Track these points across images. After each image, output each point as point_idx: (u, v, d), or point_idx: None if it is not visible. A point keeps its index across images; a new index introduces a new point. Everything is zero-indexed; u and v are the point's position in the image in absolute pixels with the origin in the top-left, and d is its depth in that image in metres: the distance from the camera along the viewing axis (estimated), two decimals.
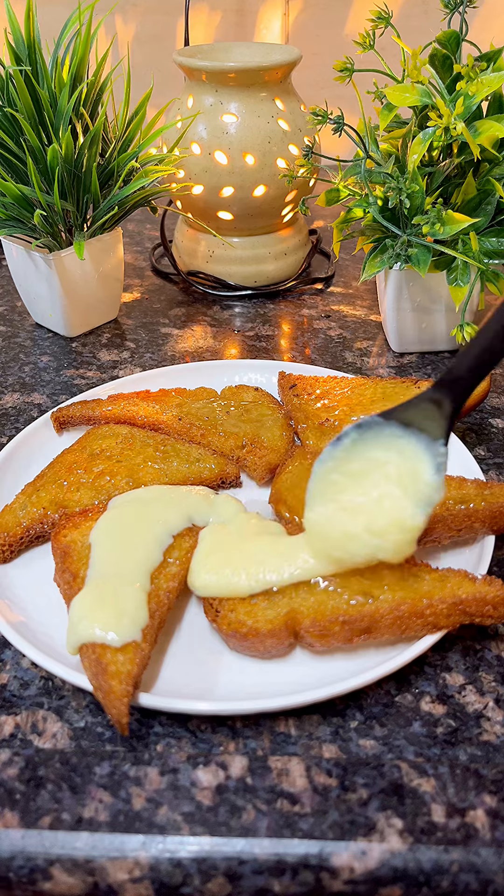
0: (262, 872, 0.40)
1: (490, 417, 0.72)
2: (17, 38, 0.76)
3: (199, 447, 0.64)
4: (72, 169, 0.76)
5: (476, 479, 0.56)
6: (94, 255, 0.82)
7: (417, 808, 0.41)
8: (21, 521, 0.57)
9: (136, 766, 0.44)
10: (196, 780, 0.43)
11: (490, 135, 0.67)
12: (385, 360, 0.82)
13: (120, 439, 0.63)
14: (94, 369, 0.81)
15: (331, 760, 0.44)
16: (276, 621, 0.47)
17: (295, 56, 0.86)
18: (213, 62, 0.84)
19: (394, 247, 0.72)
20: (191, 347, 0.85)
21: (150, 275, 1.02)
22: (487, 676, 0.49)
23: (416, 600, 0.47)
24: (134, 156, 0.80)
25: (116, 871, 0.40)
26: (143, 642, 0.46)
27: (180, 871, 0.40)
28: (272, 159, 0.86)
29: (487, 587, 0.48)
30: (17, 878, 0.40)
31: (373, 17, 0.72)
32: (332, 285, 0.99)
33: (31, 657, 0.47)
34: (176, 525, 0.54)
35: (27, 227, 0.79)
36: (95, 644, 0.45)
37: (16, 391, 0.78)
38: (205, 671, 0.49)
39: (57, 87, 0.76)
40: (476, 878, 0.39)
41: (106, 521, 0.54)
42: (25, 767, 0.44)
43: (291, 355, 0.84)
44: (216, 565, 0.50)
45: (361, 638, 0.47)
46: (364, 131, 0.74)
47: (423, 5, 1.17)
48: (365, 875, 0.40)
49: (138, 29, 1.26)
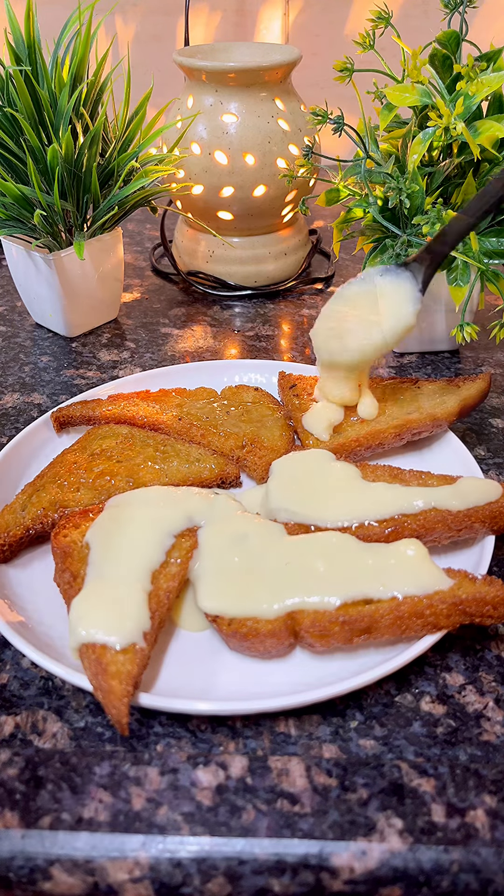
0: (262, 872, 0.40)
1: (490, 417, 0.72)
2: (17, 38, 0.76)
3: (199, 447, 0.64)
4: (72, 169, 0.76)
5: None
6: (94, 255, 0.82)
7: (417, 808, 0.41)
8: (21, 521, 0.57)
9: (136, 766, 0.44)
10: (196, 780, 0.43)
11: (490, 135, 0.67)
12: (385, 359, 0.82)
13: (120, 439, 0.63)
14: (94, 369, 0.81)
15: (331, 760, 0.44)
16: (276, 622, 0.47)
17: (295, 56, 0.86)
18: (213, 62, 0.84)
19: (394, 247, 0.72)
20: (191, 347, 0.85)
21: (150, 275, 1.02)
22: (487, 676, 0.49)
23: (417, 600, 0.47)
24: (134, 156, 0.80)
25: (116, 871, 0.40)
26: (143, 642, 0.46)
27: (180, 871, 0.40)
28: (272, 159, 0.86)
29: (487, 587, 0.48)
30: (17, 878, 0.40)
31: (373, 17, 0.72)
32: (332, 285, 0.99)
33: (31, 657, 0.47)
34: (177, 525, 0.54)
35: (27, 227, 0.79)
36: (96, 644, 0.45)
37: (16, 391, 0.78)
38: (205, 671, 0.49)
39: (57, 87, 0.76)
40: (476, 878, 0.39)
41: (104, 521, 0.54)
42: (25, 767, 0.44)
43: (291, 355, 0.84)
44: (228, 592, 0.50)
45: (361, 638, 0.47)
46: (364, 131, 0.74)
47: (423, 5, 1.17)
48: (365, 875, 0.40)
49: (138, 29, 1.26)
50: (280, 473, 0.59)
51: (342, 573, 0.49)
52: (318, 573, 0.49)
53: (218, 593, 0.49)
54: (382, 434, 0.63)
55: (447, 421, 0.64)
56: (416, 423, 0.63)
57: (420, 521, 0.53)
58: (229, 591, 0.49)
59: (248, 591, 0.49)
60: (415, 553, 0.50)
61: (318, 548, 0.51)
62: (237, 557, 0.51)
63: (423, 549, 0.51)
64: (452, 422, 0.65)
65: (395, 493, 0.55)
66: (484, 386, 0.68)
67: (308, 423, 0.65)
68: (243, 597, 0.49)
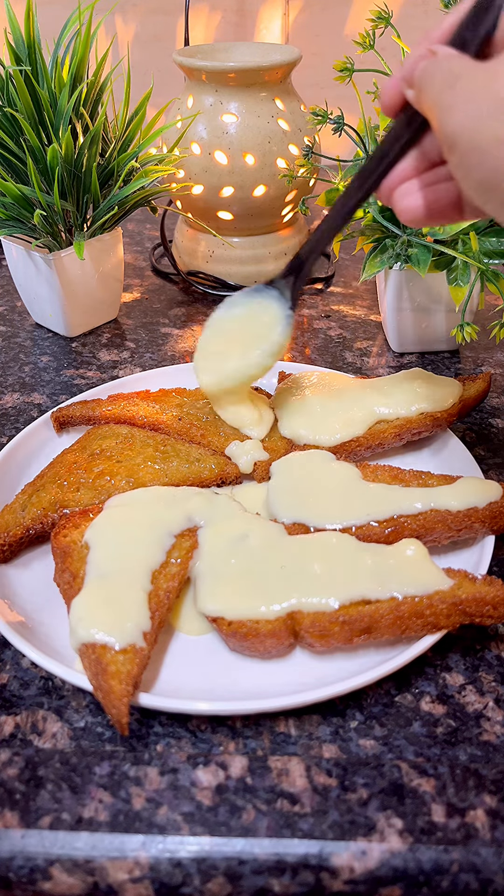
0: (262, 872, 0.40)
1: (490, 417, 0.72)
2: (17, 38, 0.76)
3: (199, 447, 0.64)
4: (72, 169, 0.76)
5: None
6: (94, 255, 0.82)
7: (417, 808, 0.41)
8: (21, 521, 0.56)
9: (136, 766, 0.44)
10: (196, 780, 0.43)
11: None
12: (385, 360, 0.82)
13: (120, 439, 0.63)
14: (94, 369, 0.81)
15: (331, 760, 0.44)
16: (276, 622, 0.47)
17: (295, 56, 0.86)
18: (213, 62, 0.84)
19: (394, 247, 0.72)
20: (191, 347, 0.85)
21: (150, 275, 1.02)
22: (487, 676, 0.49)
23: (417, 600, 0.47)
24: (134, 156, 0.80)
25: (116, 871, 0.40)
26: (143, 642, 0.46)
27: (180, 871, 0.40)
28: (272, 159, 0.86)
29: (487, 587, 0.48)
30: (17, 878, 0.40)
31: (373, 17, 0.72)
32: (332, 285, 0.99)
33: (31, 657, 0.47)
34: (177, 525, 0.54)
35: (27, 227, 0.79)
36: (96, 644, 0.45)
37: (16, 391, 0.78)
38: (205, 671, 0.49)
39: (57, 87, 0.76)
40: (476, 878, 0.39)
41: (104, 521, 0.54)
42: (25, 767, 0.44)
43: (291, 355, 0.84)
44: (228, 592, 0.50)
45: (361, 638, 0.47)
46: (364, 131, 0.74)
47: (423, 5, 1.17)
48: (365, 875, 0.40)
49: (138, 29, 1.26)
50: (280, 474, 0.59)
51: (342, 573, 0.49)
52: (317, 573, 0.49)
53: (218, 594, 0.49)
54: (382, 434, 0.63)
55: (447, 421, 0.64)
56: (417, 423, 0.63)
57: (420, 521, 0.53)
58: (229, 592, 0.49)
59: (249, 592, 0.49)
60: (414, 553, 0.50)
61: (318, 548, 0.51)
62: (237, 558, 0.51)
63: (423, 549, 0.51)
64: (452, 422, 0.65)
65: (395, 494, 0.55)
66: (484, 386, 0.68)
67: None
68: (243, 597, 0.49)
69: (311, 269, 0.59)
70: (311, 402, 0.65)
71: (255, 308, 0.62)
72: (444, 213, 0.45)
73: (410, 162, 0.45)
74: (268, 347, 0.61)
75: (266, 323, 0.61)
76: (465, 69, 0.39)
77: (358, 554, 0.50)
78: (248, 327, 0.62)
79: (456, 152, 0.38)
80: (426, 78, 0.40)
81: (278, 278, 0.61)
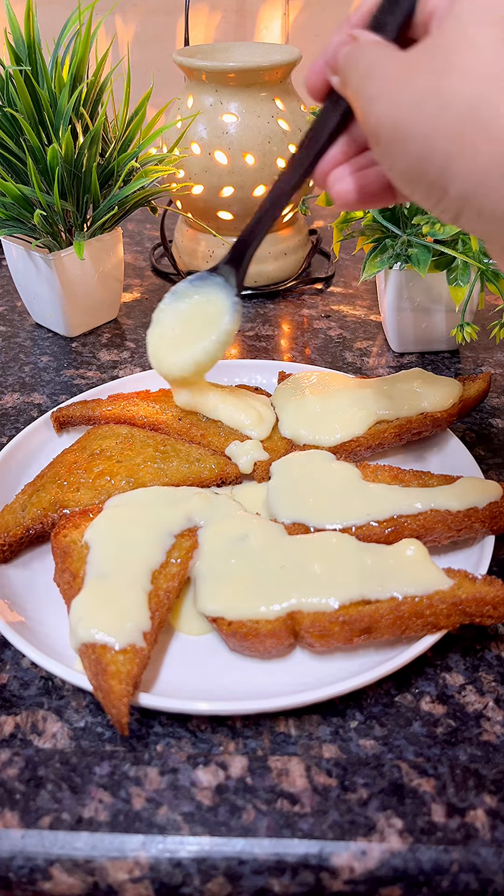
0: (262, 872, 0.40)
1: (490, 417, 0.72)
2: (17, 38, 0.76)
3: (199, 447, 0.64)
4: (72, 169, 0.76)
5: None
6: (94, 255, 0.82)
7: (417, 808, 0.41)
8: (21, 521, 0.56)
9: (136, 766, 0.44)
10: (196, 780, 0.43)
11: None
12: (385, 360, 0.82)
13: (120, 439, 0.63)
14: (94, 369, 0.81)
15: (331, 760, 0.44)
16: (276, 622, 0.47)
17: (295, 56, 0.86)
18: (213, 62, 0.84)
19: (394, 247, 0.72)
20: None
21: (150, 275, 1.02)
22: (487, 676, 0.49)
23: (417, 600, 0.47)
24: (134, 156, 0.80)
25: (116, 871, 0.40)
26: (143, 642, 0.46)
27: (180, 871, 0.40)
28: (272, 159, 0.86)
29: (487, 587, 0.48)
30: (17, 878, 0.40)
31: None
32: (332, 285, 0.99)
33: (31, 657, 0.47)
34: (177, 525, 0.54)
35: (27, 227, 0.79)
36: (96, 644, 0.45)
37: (16, 391, 0.78)
38: (205, 671, 0.49)
39: (57, 87, 0.76)
40: (476, 878, 0.40)
41: (104, 521, 0.54)
42: (25, 767, 0.44)
43: (291, 355, 0.84)
44: (228, 593, 0.50)
45: (361, 638, 0.47)
46: None
47: None
48: (365, 875, 0.40)
49: (138, 29, 1.26)
50: (280, 474, 0.59)
51: (342, 573, 0.49)
52: (317, 573, 0.49)
53: (218, 594, 0.49)
54: (382, 434, 0.63)
55: (447, 421, 0.64)
56: (417, 423, 0.63)
57: (420, 521, 0.53)
58: (229, 592, 0.49)
59: (249, 592, 0.49)
60: (414, 553, 0.50)
61: (318, 548, 0.51)
62: (237, 558, 0.51)
63: (423, 549, 0.51)
64: (452, 422, 0.65)
65: (395, 494, 0.55)
66: (484, 386, 0.68)
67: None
68: (243, 597, 0.49)
69: (253, 254, 0.58)
70: (311, 402, 0.65)
71: (199, 297, 0.61)
72: (376, 196, 0.44)
73: (341, 147, 0.44)
74: (213, 339, 0.60)
75: (213, 314, 0.60)
76: (384, 58, 0.38)
77: (358, 554, 0.50)
78: (196, 317, 0.61)
79: (380, 143, 0.37)
80: (350, 64, 0.40)
81: (222, 264, 0.60)
